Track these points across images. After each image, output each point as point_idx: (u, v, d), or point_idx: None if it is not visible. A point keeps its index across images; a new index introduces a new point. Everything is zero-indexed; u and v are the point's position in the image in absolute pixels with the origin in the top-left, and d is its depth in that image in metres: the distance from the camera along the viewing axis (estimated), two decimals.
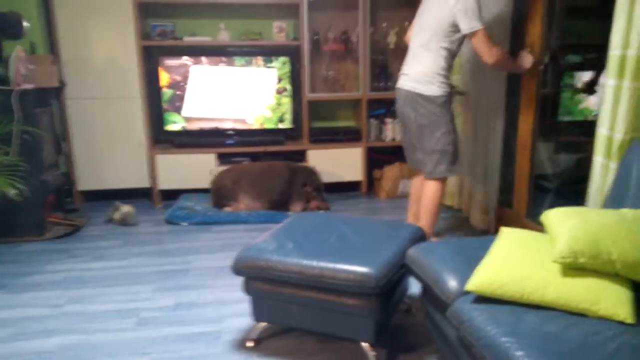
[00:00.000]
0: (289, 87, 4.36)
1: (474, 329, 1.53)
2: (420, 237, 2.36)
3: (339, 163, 4.45)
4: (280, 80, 4.34)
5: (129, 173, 4.26)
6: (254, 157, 4.34)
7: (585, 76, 3.90)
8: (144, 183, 4.29)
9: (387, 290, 2.00)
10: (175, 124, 4.29)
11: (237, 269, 2.13)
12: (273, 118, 4.42)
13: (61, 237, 3.57)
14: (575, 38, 3.91)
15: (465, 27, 2.77)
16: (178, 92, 4.24)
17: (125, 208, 3.83)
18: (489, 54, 2.79)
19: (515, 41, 3.27)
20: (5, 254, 3.29)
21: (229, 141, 4.34)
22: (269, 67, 4.30)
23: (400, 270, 2.08)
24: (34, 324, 2.44)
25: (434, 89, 2.90)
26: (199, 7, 4.31)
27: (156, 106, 4.26)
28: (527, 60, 3.04)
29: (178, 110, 4.27)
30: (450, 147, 2.96)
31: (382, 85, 4.58)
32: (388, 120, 4.57)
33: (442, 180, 3.04)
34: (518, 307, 1.56)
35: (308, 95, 4.40)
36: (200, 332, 2.36)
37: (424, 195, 3.08)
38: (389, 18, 4.54)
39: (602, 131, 2.24)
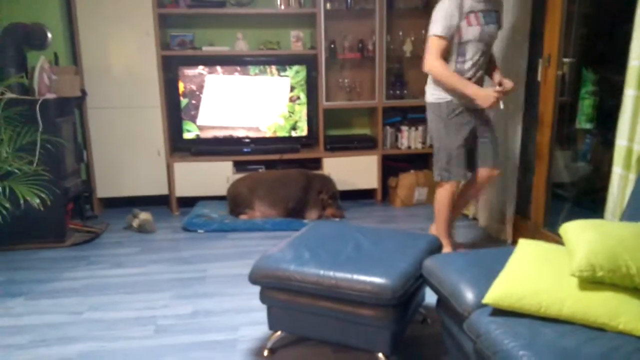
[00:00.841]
0: (302, 95, 4.39)
1: (491, 342, 1.53)
2: (437, 247, 2.36)
3: (354, 171, 4.46)
4: (293, 88, 4.38)
5: (147, 180, 4.32)
6: (270, 164, 4.37)
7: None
8: (162, 190, 4.35)
9: (404, 301, 2.00)
10: (189, 132, 4.35)
11: (254, 279, 2.15)
12: (286, 126, 4.45)
13: (80, 244, 3.63)
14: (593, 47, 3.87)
15: (429, 31, 2.88)
16: (193, 101, 4.30)
17: (143, 215, 3.88)
18: (427, 62, 2.88)
19: (534, 50, 3.26)
20: (26, 261, 3.35)
21: (246, 149, 4.38)
22: (282, 75, 4.34)
23: (417, 281, 2.08)
24: (54, 331, 2.48)
25: (427, 95, 3.05)
26: (217, 17, 4.36)
27: (175, 115, 4.32)
28: (486, 98, 2.80)
29: (193, 119, 4.33)
30: (440, 154, 3.02)
31: (398, 93, 4.59)
32: (404, 127, 4.57)
33: (442, 185, 3.07)
34: (536, 320, 1.55)
35: (324, 103, 4.43)
36: (216, 340, 2.38)
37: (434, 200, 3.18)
38: (405, 26, 4.55)
39: (621, 142, 2.22)
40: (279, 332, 2.27)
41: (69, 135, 3.84)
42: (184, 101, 4.29)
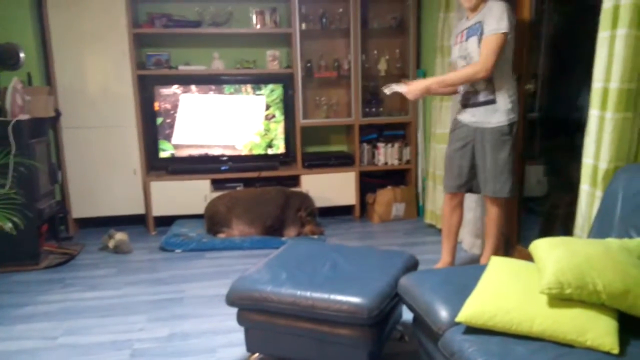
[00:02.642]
0: (278, 113, 4.42)
1: None
2: (413, 265, 2.39)
3: (332, 188, 4.49)
4: (268, 107, 4.41)
5: (123, 200, 4.28)
6: (248, 182, 4.38)
7: None
8: (139, 210, 4.31)
9: (380, 320, 2.02)
10: (164, 151, 4.34)
11: (231, 301, 2.15)
12: (262, 144, 4.47)
13: (55, 266, 3.57)
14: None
15: (491, 30, 2.73)
16: (168, 120, 4.30)
17: (119, 235, 3.84)
18: (489, 62, 2.71)
19: None
20: None
21: (223, 167, 4.38)
22: (257, 94, 4.37)
23: (393, 300, 2.10)
24: (27, 357, 2.43)
25: (501, 119, 2.85)
26: (193, 37, 4.38)
27: (150, 134, 4.31)
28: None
29: (168, 137, 4.32)
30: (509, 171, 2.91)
31: (374, 110, 4.66)
32: (380, 144, 4.63)
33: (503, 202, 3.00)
34: (508, 338, 1.59)
35: (301, 121, 4.47)
36: None
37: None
38: (379, 45, 4.64)
39: (587, 160, 2.30)
40: (257, 354, 2.26)
41: (43, 156, 3.79)
42: (158, 120, 4.28)
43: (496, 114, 2.81)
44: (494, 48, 2.69)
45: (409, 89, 3.02)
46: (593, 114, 2.24)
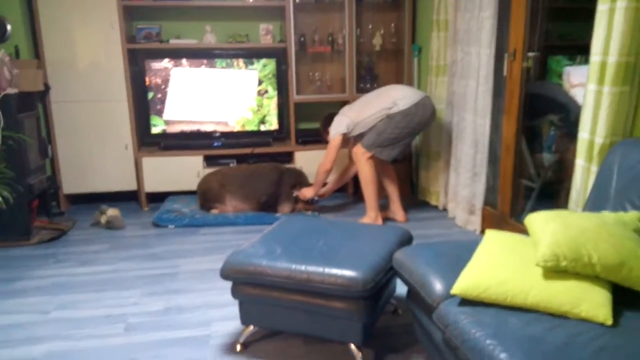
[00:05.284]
0: (270, 88, 4.37)
1: (459, 331, 1.56)
2: (407, 240, 2.39)
3: None
4: (261, 82, 4.35)
5: (115, 176, 4.24)
6: (241, 159, 4.35)
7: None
8: (131, 186, 4.28)
9: (375, 293, 2.02)
10: (156, 126, 4.28)
11: (226, 274, 2.14)
12: (254, 120, 4.42)
13: (47, 242, 3.54)
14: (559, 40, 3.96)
15: None
16: (159, 95, 4.23)
17: (111, 211, 3.81)
18: None
19: (500, 44, 3.32)
20: None
21: (216, 143, 4.34)
22: (250, 69, 4.31)
23: (388, 273, 2.10)
24: (20, 331, 2.43)
25: None
26: (184, 9, 4.30)
27: (142, 109, 4.25)
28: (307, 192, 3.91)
29: (159, 113, 4.26)
30: None
31: (368, 86, 4.61)
32: None
33: None
34: (502, 309, 1.59)
35: (295, 97, 4.42)
36: (188, 336, 2.36)
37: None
38: (374, 20, 4.57)
39: (583, 135, 2.29)
40: (251, 327, 2.27)
41: (33, 131, 3.73)
42: (149, 95, 4.21)
43: None
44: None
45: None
46: (590, 88, 2.22)
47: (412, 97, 3.54)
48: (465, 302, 1.65)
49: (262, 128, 4.45)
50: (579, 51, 3.35)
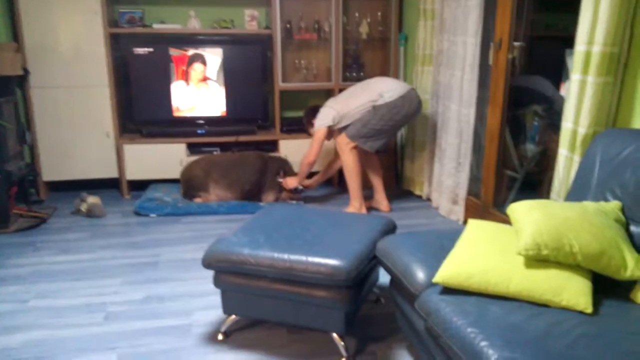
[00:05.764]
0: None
1: (441, 319, 1.56)
2: (391, 229, 2.39)
3: None
4: None
5: (96, 163, 4.17)
6: (225, 147, 4.30)
7: None
8: (112, 173, 4.21)
9: (358, 282, 2.01)
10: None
11: (208, 263, 2.11)
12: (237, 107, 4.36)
13: (26, 230, 3.48)
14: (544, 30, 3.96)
15: None
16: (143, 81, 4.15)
17: (92, 199, 3.75)
18: None
19: (486, 34, 3.31)
20: None
21: (200, 131, 4.28)
22: None
23: (371, 262, 2.10)
24: None
25: None
26: None
27: (124, 95, 4.17)
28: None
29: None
30: None
31: (355, 75, 4.58)
32: None
33: None
34: (484, 298, 1.60)
35: (280, 84, 4.37)
36: (170, 325, 2.34)
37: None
38: (361, 8, 4.53)
39: (567, 125, 2.30)
40: (233, 316, 2.25)
41: (11, 116, 3.65)
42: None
43: None
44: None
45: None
46: (575, 78, 2.22)
47: (399, 89, 3.52)
48: (447, 290, 1.65)
49: (247, 116, 4.38)
50: (564, 42, 3.36)
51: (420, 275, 1.77)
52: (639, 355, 1.32)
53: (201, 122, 4.32)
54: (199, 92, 4.26)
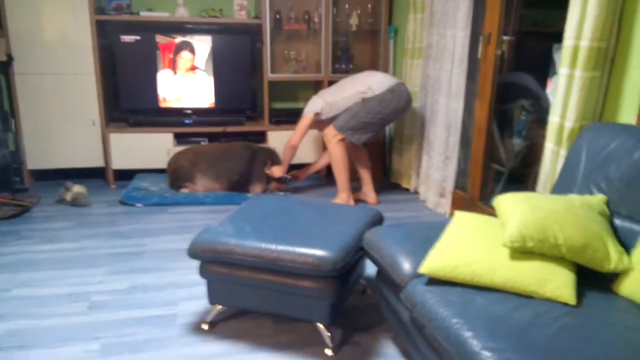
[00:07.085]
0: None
1: (426, 310, 1.57)
2: (378, 220, 2.39)
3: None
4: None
5: (81, 152, 4.12)
6: (213, 137, 4.27)
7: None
8: (98, 162, 4.16)
9: (344, 273, 2.01)
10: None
11: (194, 253, 2.10)
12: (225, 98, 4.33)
13: (9, 218, 3.43)
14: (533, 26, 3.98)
15: None
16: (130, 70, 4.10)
17: (77, 188, 3.71)
18: None
19: (475, 27, 3.31)
20: None
21: (187, 120, 4.25)
22: None
23: (358, 253, 2.10)
24: None
25: None
26: None
27: (110, 83, 4.12)
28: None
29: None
30: None
31: (344, 67, 4.56)
32: None
33: None
34: (469, 289, 1.61)
35: (269, 75, 4.34)
36: (155, 315, 2.32)
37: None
38: None
39: (554, 119, 2.31)
40: (219, 306, 2.24)
41: None
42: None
43: None
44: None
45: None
46: (562, 72, 2.23)
47: (387, 82, 3.52)
48: (433, 281, 1.66)
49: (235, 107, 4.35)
50: (552, 38, 3.37)
51: (406, 266, 1.77)
52: (621, 346, 1.34)
53: (189, 111, 4.28)
54: (187, 81, 4.22)
